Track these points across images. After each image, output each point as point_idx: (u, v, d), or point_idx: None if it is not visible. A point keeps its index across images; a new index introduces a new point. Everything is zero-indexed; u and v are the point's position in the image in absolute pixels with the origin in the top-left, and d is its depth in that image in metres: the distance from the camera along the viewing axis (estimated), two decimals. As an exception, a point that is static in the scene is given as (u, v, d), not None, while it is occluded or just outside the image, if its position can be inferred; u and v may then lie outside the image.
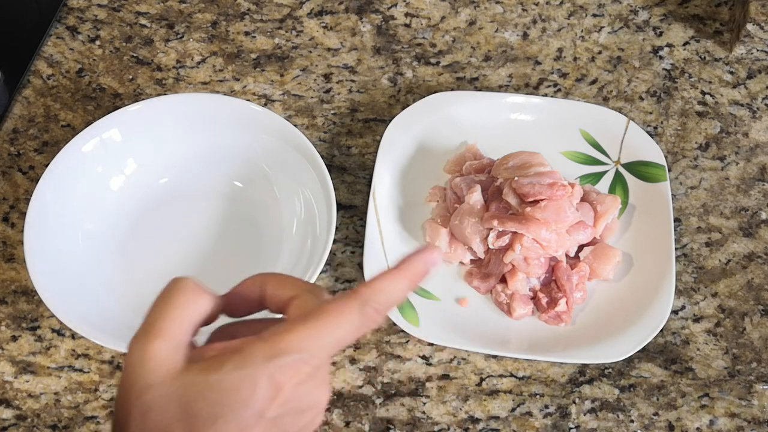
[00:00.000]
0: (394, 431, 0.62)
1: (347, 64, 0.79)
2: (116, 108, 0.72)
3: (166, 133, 0.69)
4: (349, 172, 0.73)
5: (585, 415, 0.63)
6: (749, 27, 0.76)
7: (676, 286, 0.67)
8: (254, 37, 0.80)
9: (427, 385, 0.64)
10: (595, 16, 0.82)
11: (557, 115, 0.73)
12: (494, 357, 0.65)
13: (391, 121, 0.72)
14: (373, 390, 0.64)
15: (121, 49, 0.79)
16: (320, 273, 0.63)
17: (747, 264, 0.69)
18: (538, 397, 0.64)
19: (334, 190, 0.64)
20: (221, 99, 0.70)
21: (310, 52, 0.79)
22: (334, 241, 0.68)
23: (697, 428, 0.63)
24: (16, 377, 0.64)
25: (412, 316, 0.64)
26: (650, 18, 0.82)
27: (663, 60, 0.79)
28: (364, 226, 0.68)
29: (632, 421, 0.63)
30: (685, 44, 0.80)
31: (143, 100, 0.69)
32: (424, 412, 0.63)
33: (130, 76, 0.78)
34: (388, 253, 0.67)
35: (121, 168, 0.69)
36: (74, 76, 0.78)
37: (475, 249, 0.66)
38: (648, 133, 0.74)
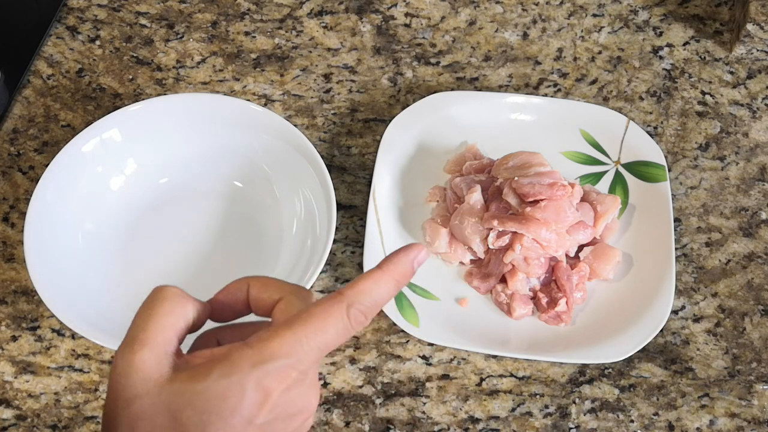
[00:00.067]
0: (394, 431, 0.62)
1: (347, 64, 0.79)
2: (116, 108, 0.72)
3: (166, 133, 0.69)
4: (349, 172, 0.73)
5: (585, 415, 0.63)
6: (749, 27, 0.76)
7: (676, 286, 0.67)
8: (254, 37, 0.80)
9: (427, 385, 0.64)
10: (595, 16, 0.82)
11: (557, 115, 0.73)
12: (494, 357, 0.65)
13: (391, 121, 0.72)
14: (373, 390, 0.64)
15: (121, 49, 0.79)
16: (320, 273, 0.63)
17: (747, 264, 0.69)
18: (538, 397, 0.64)
19: (334, 190, 0.64)
20: (221, 99, 0.70)
21: (310, 52, 0.79)
22: (334, 241, 0.68)
23: (697, 428, 0.63)
24: (16, 377, 0.64)
25: (412, 316, 0.64)
26: (650, 18, 0.82)
27: (663, 60, 0.79)
28: (364, 226, 0.68)
29: (632, 421, 0.63)
30: (685, 44, 0.80)
31: (143, 100, 0.69)
32: (424, 412, 0.63)
33: (130, 76, 0.78)
34: (388, 253, 0.67)
35: (121, 168, 0.69)
36: (74, 76, 0.78)
37: (475, 249, 0.66)
38: (648, 133, 0.74)
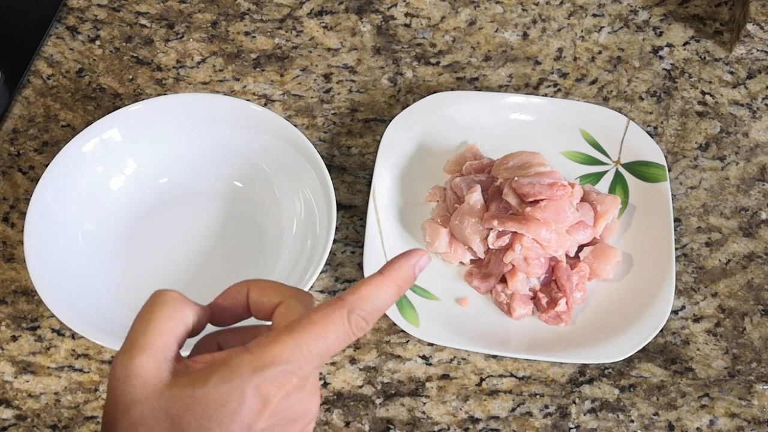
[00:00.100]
0: (394, 431, 0.62)
1: (347, 64, 0.79)
2: (116, 108, 0.72)
3: (166, 133, 0.69)
4: (349, 172, 0.73)
5: (585, 415, 0.63)
6: (749, 27, 0.76)
7: (676, 286, 0.67)
8: (254, 37, 0.80)
9: (427, 385, 0.64)
10: (595, 16, 0.82)
11: (557, 115, 0.73)
12: (494, 357, 0.65)
13: (391, 121, 0.72)
14: (373, 390, 0.64)
15: (121, 49, 0.79)
16: (320, 273, 0.63)
17: (747, 264, 0.69)
18: (538, 397, 0.64)
19: (334, 190, 0.64)
20: (221, 99, 0.70)
21: (310, 52, 0.79)
22: (334, 241, 0.68)
23: (697, 428, 0.63)
24: (16, 377, 0.64)
25: (412, 316, 0.64)
26: (650, 18, 0.82)
27: (663, 60, 0.79)
28: (364, 226, 0.68)
29: (632, 421, 0.63)
30: (685, 44, 0.80)
31: (143, 100, 0.69)
32: (424, 412, 0.63)
33: (130, 76, 0.78)
34: (388, 253, 0.67)
35: (121, 168, 0.69)
36: (74, 76, 0.78)
37: (475, 249, 0.66)
38: (648, 133, 0.74)
